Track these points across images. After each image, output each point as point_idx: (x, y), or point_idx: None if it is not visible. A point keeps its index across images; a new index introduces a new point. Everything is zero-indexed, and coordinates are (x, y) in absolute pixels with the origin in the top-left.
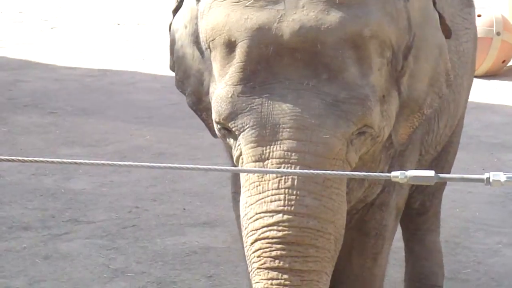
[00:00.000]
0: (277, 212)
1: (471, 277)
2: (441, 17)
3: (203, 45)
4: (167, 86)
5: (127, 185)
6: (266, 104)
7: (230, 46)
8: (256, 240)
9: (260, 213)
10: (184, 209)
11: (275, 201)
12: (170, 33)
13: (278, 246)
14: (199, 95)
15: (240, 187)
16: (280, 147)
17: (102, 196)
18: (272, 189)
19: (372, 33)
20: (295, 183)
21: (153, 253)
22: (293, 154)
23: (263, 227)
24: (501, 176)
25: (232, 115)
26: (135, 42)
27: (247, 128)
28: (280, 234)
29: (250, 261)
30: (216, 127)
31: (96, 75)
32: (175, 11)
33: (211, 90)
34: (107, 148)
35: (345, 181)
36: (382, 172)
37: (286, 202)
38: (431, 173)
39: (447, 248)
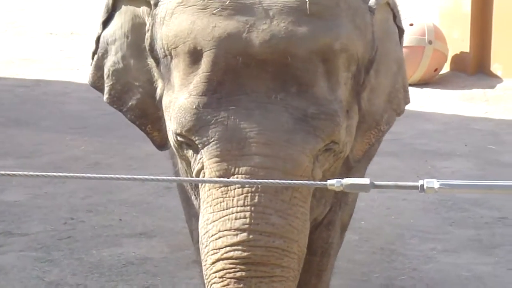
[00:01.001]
0: (242, 230)
1: (406, 283)
2: (400, 31)
3: (160, 52)
4: (102, 96)
5: (62, 196)
6: (232, 117)
7: (195, 55)
8: (218, 260)
9: (223, 231)
10: (120, 219)
11: (240, 218)
12: (98, 46)
13: (243, 266)
14: (144, 107)
15: (188, 200)
16: (246, 162)
17: (36, 207)
18: (237, 206)
19: (342, 47)
20: (262, 200)
21: (89, 264)
22: (260, 170)
23: (226, 246)
24: (435, 183)
25: (196, 127)
26: (68, 52)
27: (212, 141)
28: (245, 254)
29: (209, 281)
30: (173, 138)
31: (28, 86)
32: (106, 22)
33: (166, 99)
34: (41, 159)
35: (309, 199)
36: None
37: (252, 220)
38: (366, 181)
39: (382, 255)
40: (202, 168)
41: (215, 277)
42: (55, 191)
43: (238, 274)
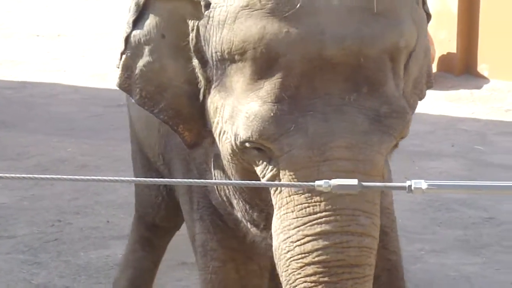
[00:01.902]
0: (334, 233)
1: None
2: (428, 16)
3: (214, 55)
4: (89, 97)
5: (49, 199)
6: (310, 123)
7: (266, 60)
8: (308, 264)
9: (312, 235)
10: (108, 221)
11: (331, 222)
12: (127, 46)
13: (338, 269)
14: (179, 108)
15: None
16: (329, 167)
17: (23, 210)
18: (325, 211)
19: (405, 44)
20: (350, 202)
21: (77, 267)
22: (344, 174)
23: (317, 250)
24: (423, 184)
25: (276, 135)
26: (55, 54)
27: (293, 149)
28: (340, 256)
29: (296, 286)
30: (234, 143)
31: (15, 87)
32: (136, 21)
33: (217, 101)
34: (28, 161)
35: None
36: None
37: (344, 222)
38: (354, 181)
39: None
40: (277, 174)
41: (305, 281)
42: (42, 193)
43: (333, 277)
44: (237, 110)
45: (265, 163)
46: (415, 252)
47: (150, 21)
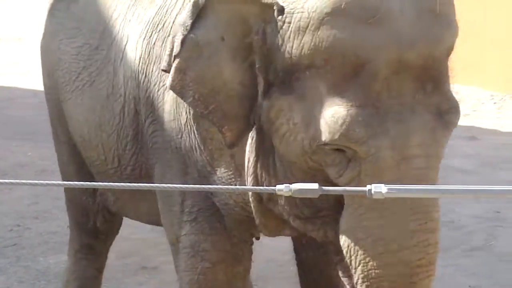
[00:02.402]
0: (416, 231)
1: None
2: None
3: (287, 60)
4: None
5: (8, 203)
6: (391, 124)
7: (354, 66)
8: (391, 264)
9: (396, 235)
10: (67, 226)
11: (413, 220)
12: (183, 48)
13: (418, 268)
14: (229, 109)
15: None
16: (406, 166)
17: None
18: (410, 208)
19: (455, 43)
20: (428, 201)
21: (36, 272)
22: (420, 171)
23: (403, 249)
24: (383, 188)
25: (364, 138)
26: (14, 57)
27: (380, 151)
28: (421, 255)
29: (378, 282)
30: (309, 145)
31: None
32: (194, 24)
33: (280, 104)
34: None
35: None
36: None
37: (423, 220)
38: (315, 185)
39: None
40: (358, 175)
41: (387, 280)
42: (1, 198)
43: (414, 277)
44: (315, 114)
45: (343, 163)
46: None
47: (209, 23)
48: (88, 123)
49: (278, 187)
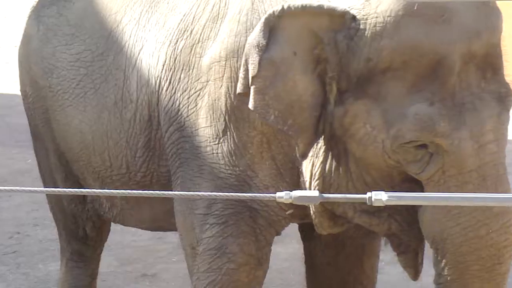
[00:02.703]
0: (499, 214)
1: None
2: None
3: (363, 64)
4: None
5: (7, 211)
6: (467, 115)
7: (431, 63)
8: (481, 248)
9: (484, 219)
10: None
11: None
12: (261, 69)
13: (504, 249)
14: (303, 121)
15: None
16: (483, 152)
17: None
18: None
19: None
20: (506, 184)
21: (36, 279)
22: (494, 155)
23: (489, 233)
24: (383, 195)
25: (448, 131)
26: (14, 64)
27: (462, 141)
28: (505, 236)
29: (468, 267)
30: (391, 145)
31: None
32: (267, 44)
33: (356, 109)
34: None
35: None
36: None
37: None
38: (315, 193)
39: None
40: (441, 167)
41: (478, 264)
42: (0, 205)
43: (501, 258)
44: (395, 114)
45: (425, 158)
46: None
47: (281, 41)
48: (92, 131)
49: (279, 194)
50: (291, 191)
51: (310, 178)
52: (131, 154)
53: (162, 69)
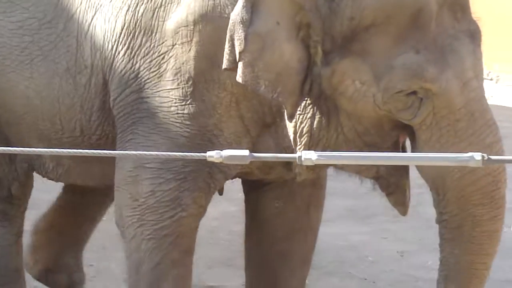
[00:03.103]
0: (492, 144)
1: None
2: None
3: (347, 24)
4: None
5: None
6: (450, 57)
7: (412, 13)
8: (480, 177)
9: (481, 149)
10: None
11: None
12: (248, 43)
13: (499, 175)
14: (291, 87)
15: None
16: (469, 89)
17: None
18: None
19: None
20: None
21: None
22: (476, 91)
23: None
24: (313, 155)
25: (437, 75)
26: None
27: (449, 82)
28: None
29: (470, 196)
30: (382, 97)
31: None
32: (250, 20)
33: (343, 67)
34: None
35: None
36: None
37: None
38: (245, 152)
39: None
40: (432, 110)
41: (477, 192)
42: None
43: (498, 183)
44: (384, 66)
45: (416, 104)
46: None
47: (263, 15)
48: (41, 96)
49: (209, 153)
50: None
51: (295, 135)
52: (85, 118)
53: (120, 34)
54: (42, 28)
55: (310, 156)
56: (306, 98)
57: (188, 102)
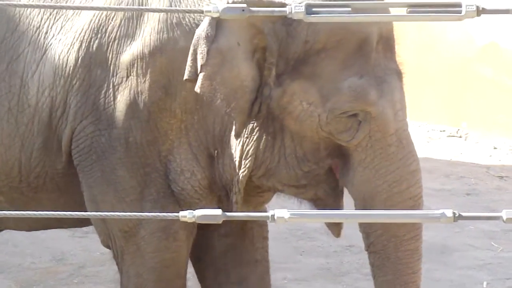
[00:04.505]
0: (415, 171)
1: None
2: None
3: (301, 48)
4: None
5: None
6: (385, 86)
7: (358, 42)
8: (404, 200)
9: (406, 174)
10: None
11: (412, 162)
12: (210, 58)
13: (419, 200)
14: (243, 104)
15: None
16: (398, 118)
17: None
18: (409, 152)
19: None
20: (412, 146)
21: None
22: (403, 122)
23: (410, 187)
24: (285, 213)
25: (376, 99)
26: None
27: (385, 108)
28: (420, 189)
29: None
30: (326, 118)
31: None
32: (214, 37)
33: (293, 89)
34: None
35: None
36: None
37: (417, 161)
38: (218, 211)
39: None
40: (368, 133)
41: None
42: None
43: (417, 207)
44: (331, 88)
45: (354, 126)
46: (278, 281)
47: (227, 33)
48: None
49: (182, 213)
50: (194, 210)
51: (241, 158)
52: (25, 156)
53: (74, 69)
54: None
55: (283, 215)
56: (253, 121)
57: (143, 131)
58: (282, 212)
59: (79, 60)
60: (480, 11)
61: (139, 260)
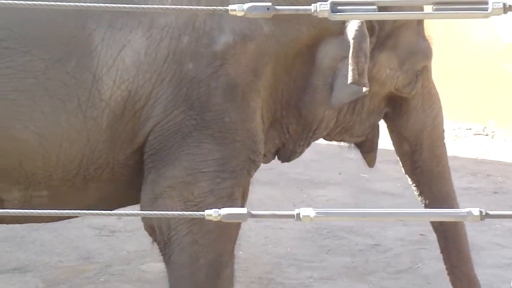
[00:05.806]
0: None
1: None
2: None
3: (392, 25)
4: None
5: None
6: None
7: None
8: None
9: (440, 108)
10: None
11: None
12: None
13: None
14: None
15: None
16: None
17: None
18: None
19: None
20: None
21: None
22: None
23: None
24: (311, 212)
25: (432, 55)
26: None
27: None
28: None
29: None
30: (404, 76)
31: None
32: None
33: (379, 59)
34: None
35: None
36: None
37: None
38: (243, 210)
39: (260, 285)
40: (422, 82)
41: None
42: None
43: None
44: (407, 53)
45: (415, 79)
46: (304, 280)
47: (363, 29)
48: (41, 136)
49: (207, 212)
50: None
51: (319, 122)
52: (90, 150)
53: (164, 64)
54: (50, 68)
55: (308, 213)
56: None
57: (239, 111)
58: (307, 210)
59: (169, 55)
60: (507, 8)
61: (197, 227)
